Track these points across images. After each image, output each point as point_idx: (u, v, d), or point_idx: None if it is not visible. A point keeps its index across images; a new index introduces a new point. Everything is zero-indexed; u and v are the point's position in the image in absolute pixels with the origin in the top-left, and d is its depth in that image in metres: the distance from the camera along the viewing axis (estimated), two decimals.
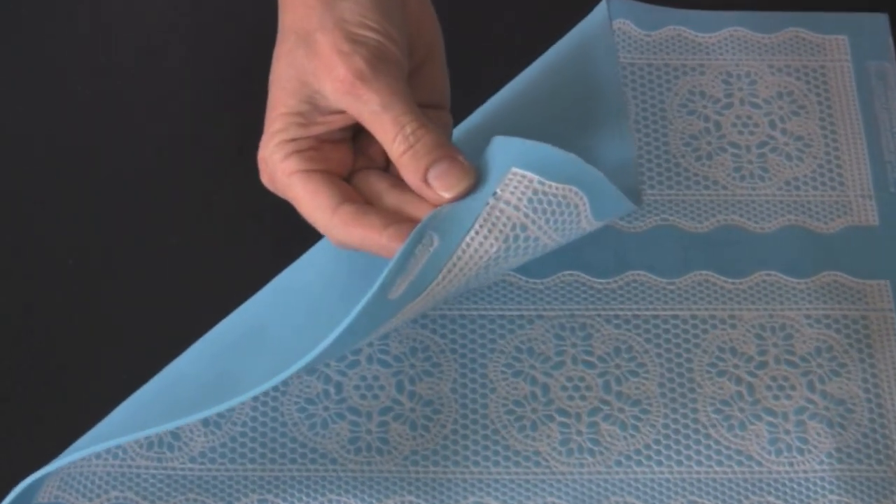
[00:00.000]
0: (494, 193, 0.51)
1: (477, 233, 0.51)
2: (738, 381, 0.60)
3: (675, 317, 0.62)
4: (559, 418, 0.59)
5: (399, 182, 0.54)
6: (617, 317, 0.62)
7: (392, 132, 0.52)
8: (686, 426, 0.59)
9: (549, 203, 0.51)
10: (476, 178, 0.51)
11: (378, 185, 0.54)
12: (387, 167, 0.55)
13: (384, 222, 0.51)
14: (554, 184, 0.51)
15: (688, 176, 0.66)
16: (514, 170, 0.51)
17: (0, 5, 0.65)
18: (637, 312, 0.62)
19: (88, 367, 0.57)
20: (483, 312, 0.62)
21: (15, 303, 0.58)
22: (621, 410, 0.60)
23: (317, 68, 0.52)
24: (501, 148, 0.52)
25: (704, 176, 0.66)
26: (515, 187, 0.51)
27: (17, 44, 0.64)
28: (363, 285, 0.50)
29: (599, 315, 0.62)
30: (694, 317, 0.62)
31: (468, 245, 0.51)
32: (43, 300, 0.59)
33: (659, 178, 0.66)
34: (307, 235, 0.56)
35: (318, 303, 0.55)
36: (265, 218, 0.62)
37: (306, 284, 0.56)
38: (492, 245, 0.51)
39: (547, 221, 0.52)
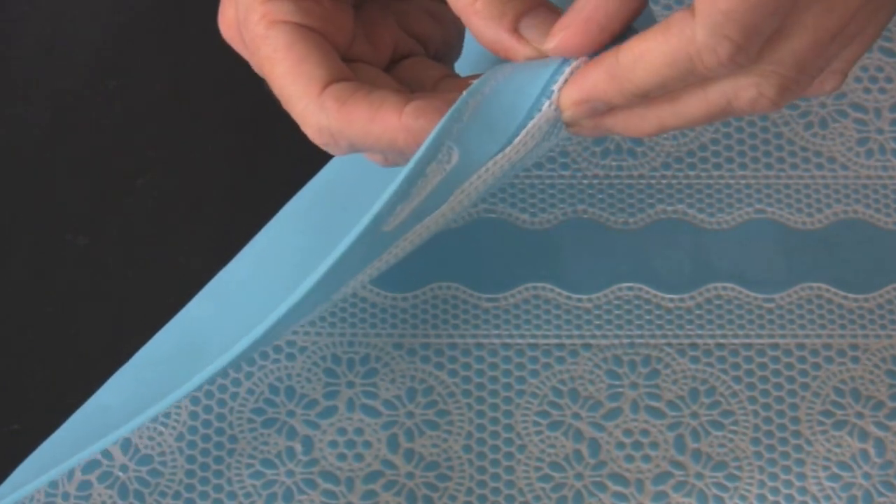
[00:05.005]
0: (550, 94, 0.48)
1: (513, 147, 0.49)
2: (864, 435, 0.58)
3: (775, 347, 0.60)
4: (614, 487, 0.57)
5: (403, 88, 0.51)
6: (694, 346, 0.60)
7: None
8: (790, 498, 0.56)
9: None
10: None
11: (383, 82, 0.51)
12: (387, 68, 0.53)
13: (401, 98, 0.48)
14: None
15: (793, 151, 0.64)
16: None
17: None
18: (722, 341, 0.60)
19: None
20: (508, 341, 0.60)
21: None
22: (700, 477, 0.57)
23: None
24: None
25: (816, 151, 0.64)
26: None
27: None
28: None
29: (670, 344, 0.60)
30: (801, 347, 0.60)
31: (495, 163, 0.49)
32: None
33: (753, 153, 0.64)
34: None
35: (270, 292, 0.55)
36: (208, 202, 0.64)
37: (251, 279, 0.57)
38: (519, 153, 0.49)
39: None
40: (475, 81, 0.48)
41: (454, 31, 0.54)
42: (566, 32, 0.48)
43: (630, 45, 0.45)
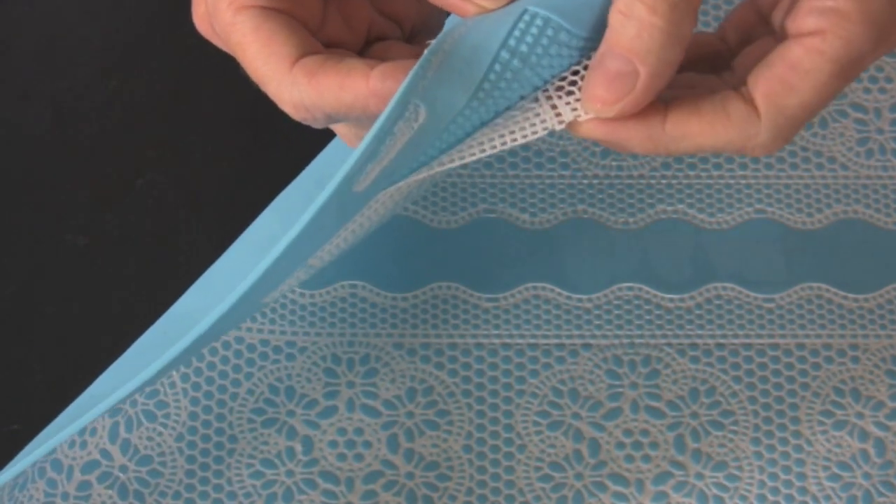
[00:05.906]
0: (507, 45, 0.47)
1: (501, 139, 0.48)
2: (864, 435, 0.57)
3: (775, 347, 0.59)
4: (613, 487, 0.57)
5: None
6: (694, 346, 0.59)
7: None
8: (790, 498, 0.56)
9: (561, 56, 0.48)
10: None
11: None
12: (362, 51, 0.53)
13: (369, 64, 0.48)
14: (578, 34, 0.47)
15: (793, 151, 0.63)
16: (534, 10, 0.47)
17: None
18: (722, 341, 0.60)
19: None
20: (508, 341, 0.59)
21: None
22: (700, 477, 0.57)
23: None
24: None
25: (816, 151, 0.64)
26: (535, 38, 0.47)
27: None
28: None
29: (670, 344, 0.59)
30: (801, 347, 0.59)
31: (468, 132, 0.49)
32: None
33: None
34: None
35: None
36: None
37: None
38: (503, 138, 0.48)
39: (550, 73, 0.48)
40: (435, 40, 0.48)
41: (430, 6, 0.54)
42: (626, 102, 0.47)
43: (681, 121, 0.46)
